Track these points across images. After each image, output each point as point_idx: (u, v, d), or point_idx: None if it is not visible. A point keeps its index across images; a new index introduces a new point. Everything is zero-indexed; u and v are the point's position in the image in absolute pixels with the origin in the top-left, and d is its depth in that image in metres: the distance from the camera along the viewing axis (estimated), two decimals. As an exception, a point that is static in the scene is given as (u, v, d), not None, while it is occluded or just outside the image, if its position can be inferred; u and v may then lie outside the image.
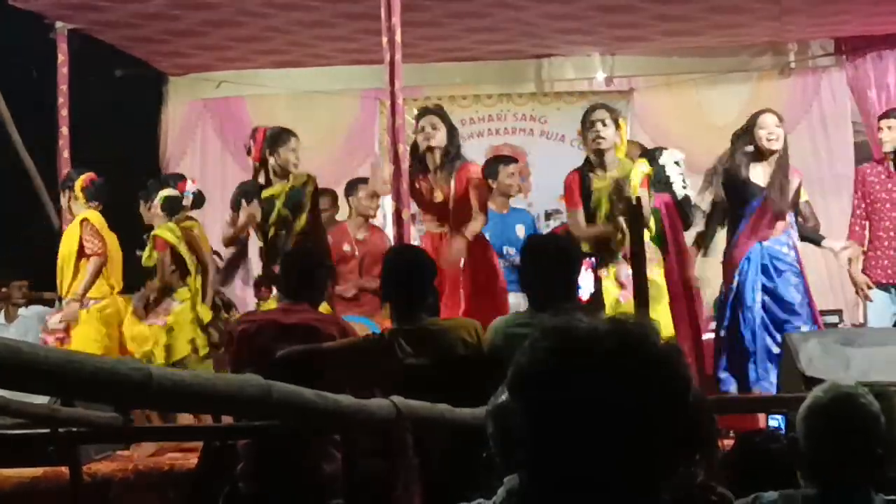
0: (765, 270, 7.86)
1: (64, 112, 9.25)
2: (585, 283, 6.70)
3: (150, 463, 7.43)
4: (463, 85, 12.06)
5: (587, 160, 7.72)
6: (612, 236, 7.53)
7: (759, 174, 7.94)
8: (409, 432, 3.92)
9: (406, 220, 7.49)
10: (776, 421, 5.70)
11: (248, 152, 8.34)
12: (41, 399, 5.59)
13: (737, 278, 7.90)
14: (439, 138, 7.87)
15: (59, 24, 9.26)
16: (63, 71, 9.29)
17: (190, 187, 8.87)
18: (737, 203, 7.98)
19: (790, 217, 8.01)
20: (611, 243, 7.55)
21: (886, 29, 10.82)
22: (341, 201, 9.84)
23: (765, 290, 7.86)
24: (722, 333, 8.02)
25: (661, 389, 1.72)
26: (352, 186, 9.63)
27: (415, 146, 8.05)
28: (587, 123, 7.67)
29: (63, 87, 9.27)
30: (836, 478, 3.38)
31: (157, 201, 8.61)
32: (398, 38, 7.57)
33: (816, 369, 6.41)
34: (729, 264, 8.02)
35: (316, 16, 9.44)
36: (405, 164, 7.58)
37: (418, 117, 8.12)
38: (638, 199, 7.25)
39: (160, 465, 7.38)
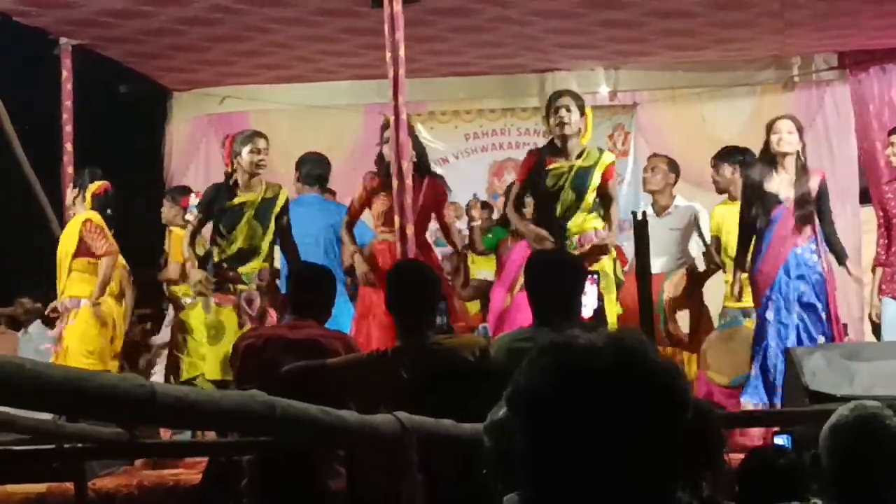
0: (800, 279, 7.83)
1: (68, 128, 9.26)
2: (588, 300, 6.69)
3: (154, 478, 7.42)
4: (466, 100, 12.09)
5: (550, 143, 7.79)
6: (536, 241, 7.64)
7: (777, 182, 7.89)
8: (414, 448, 3.91)
9: (410, 235, 7.49)
10: (782, 440, 5.68)
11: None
12: (46, 415, 5.60)
13: (774, 289, 7.84)
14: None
15: (63, 40, 9.27)
16: (67, 87, 9.30)
17: (193, 201, 8.99)
18: (760, 214, 7.93)
19: (817, 225, 7.96)
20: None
21: (890, 43, 10.83)
22: None
23: (798, 300, 7.83)
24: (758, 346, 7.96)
25: (660, 406, 1.71)
26: None
27: (380, 157, 8.08)
28: (552, 108, 7.73)
29: (67, 103, 9.29)
30: (860, 496, 3.36)
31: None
32: (402, 53, 7.58)
33: (821, 383, 6.40)
34: (761, 275, 7.95)
35: (319, 31, 9.46)
36: (408, 180, 7.58)
37: (385, 128, 8.13)
38: (644, 213, 7.26)
39: (164, 480, 7.38)
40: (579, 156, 7.70)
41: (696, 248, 9.27)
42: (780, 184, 7.87)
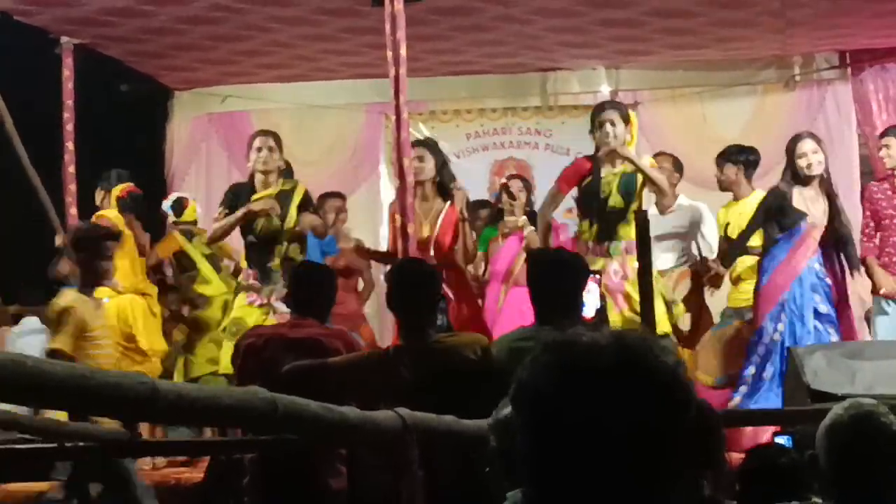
0: (813, 290, 7.86)
1: (69, 127, 9.24)
2: (590, 299, 6.70)
3: (155, 478, 7.42)
4: (468, 99, 12.08)
5: (597, 152, 7.84)
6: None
7: (802, 199, 7.93)
8: (415, 444, 3.91)
9: (411, 234, 7.49)
10: (783, 440, 5.68)
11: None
12: (47, 413, 5.60)
13: (788, 300, 7.84)
14: (427, 171, 7.87)
15: (64, 39, 9.25)
16: (68, 86, 9.29)
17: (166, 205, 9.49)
18: (780, 228, 7.95)
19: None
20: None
21: (891, 42, 10.82)
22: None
23: (814, 311, 7.85)
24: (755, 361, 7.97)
25: (661, 405, 1.71)
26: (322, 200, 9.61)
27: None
28: (596, 122, 7.81)
29: (68, 102, 9.27)
30: (857, 495, 3.36)
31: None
32: (403, 52, 7.58)
33: (822, 382, 6.40)
34: (774, 285, 7.95)
35: (321, 30, 9.45)
36: (410, 178, 7.58)
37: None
38: (645, 211, 7.26)
39: (166, 479, 7.39)
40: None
41: (696, 248, 9.27)
42: (804, 201, 7.91)
